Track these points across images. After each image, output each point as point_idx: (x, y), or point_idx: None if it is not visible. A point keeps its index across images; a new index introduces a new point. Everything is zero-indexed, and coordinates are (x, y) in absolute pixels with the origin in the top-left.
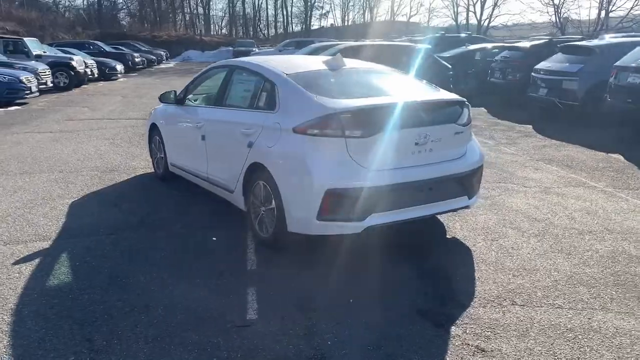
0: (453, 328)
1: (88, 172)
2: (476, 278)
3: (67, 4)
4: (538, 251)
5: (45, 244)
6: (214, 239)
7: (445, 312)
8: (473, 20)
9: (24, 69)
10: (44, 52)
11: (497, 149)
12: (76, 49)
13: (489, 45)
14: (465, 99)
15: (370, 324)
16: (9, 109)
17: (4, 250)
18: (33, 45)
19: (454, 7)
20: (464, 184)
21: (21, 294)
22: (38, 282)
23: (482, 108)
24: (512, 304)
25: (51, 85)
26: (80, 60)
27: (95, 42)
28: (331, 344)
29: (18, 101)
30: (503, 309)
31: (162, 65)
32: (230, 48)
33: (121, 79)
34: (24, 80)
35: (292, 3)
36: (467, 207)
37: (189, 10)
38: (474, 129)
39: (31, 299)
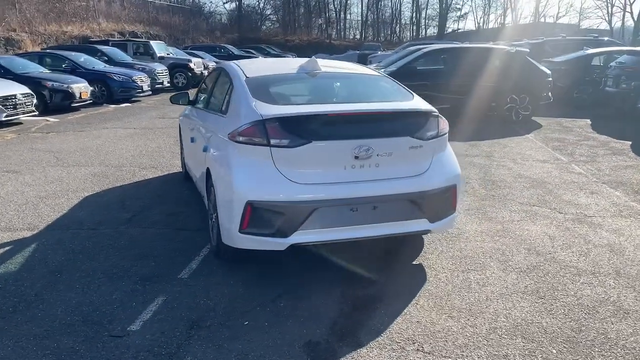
0: None
1: (128, 168)
2: (401, 314)
3: (210, 9)
4: (506, 291)
5: (28, 234)
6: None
7: (334, 349)
8: (630, 22)
9: (142, 69)
10: (167, 54)
11: (564, 167)
12: (205, 52)
13: (613, 49)
14: (433, 111)
15: (244, 351)
16: (121, 105)
17: None
18: (159, 47)
19: (607, 7)
20: (421, 206)
21: None
22: None
23: (587, 120)
24: (417, 350)
25: (168, 84)
26: (199, 63)
27: (226, 45)
28: None
29: (133, 99)
30: (401, 353)
31: None
32: (357, 51)
33: None
34: (136, 80)
35: (427, 5)
36: (427, 231)
37: (326, 14)
38: (560, 142)
39: None
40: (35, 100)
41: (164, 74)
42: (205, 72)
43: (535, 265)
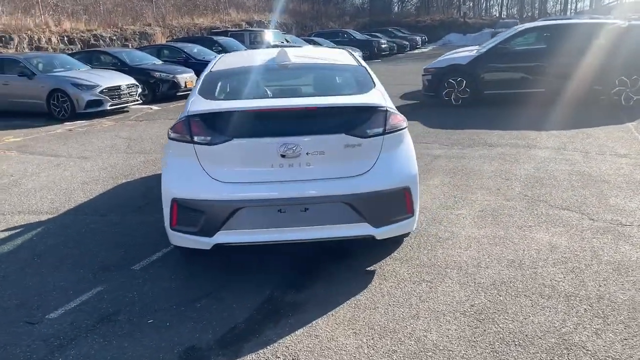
0: None
1: None
2: (306, 325)
3: None
4: (444, 309)
5: (44, 217)
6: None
7: (208, 357)
8: None
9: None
10: (282, 42)
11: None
12: (327, 38)
13: None
14: (378, 105)
15: (125, 351)
16: None
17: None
18: (275, 36)
19: None
20: (361, 209)
21: None
22: None
23: None
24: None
25: None
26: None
27: (349, 31)
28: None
29: None
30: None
31: (416, 51)
32: (493, 29)
33: None
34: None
35: None
36: (370, 237)
37: None
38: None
39: None
40: (139, 90)
41: None
42: None
43: (505, 281)
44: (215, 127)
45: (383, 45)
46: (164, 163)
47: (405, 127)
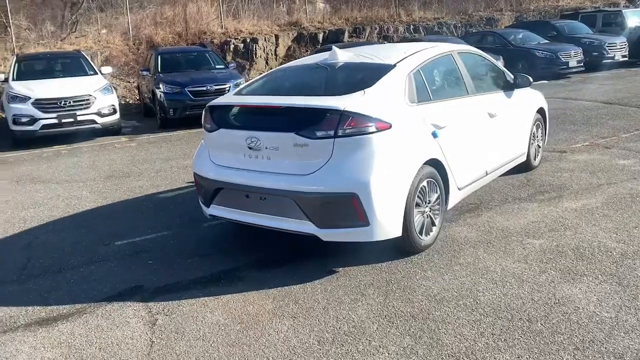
0: None
1: None
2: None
3: None
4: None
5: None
6: None
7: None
8: None
9: (591, 43)
10: None
11: None
12: None
13: None
14: (335, 108)
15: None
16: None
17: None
18: (635, 16)
19: None
20: (304, 207)
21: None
22: None
23: None
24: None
25: (624, 58)
26: None
27: None
28: None
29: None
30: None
31: None
32: None
33: None
34: (562, 56)
35: None
36: (314, 236)
37: None
38: None
39: None
40: None
41: (620, 46)
42: None
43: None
44: (213, 117)
45: None
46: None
47: (371, 133)
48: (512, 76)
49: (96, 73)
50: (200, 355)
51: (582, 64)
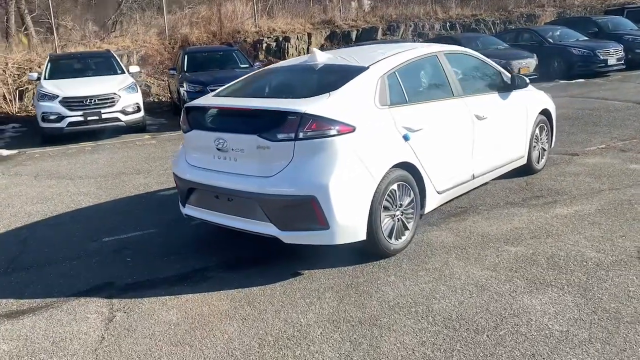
0: None
1: None
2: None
3: None
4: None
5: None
6: None
7: None
8: None
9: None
10: None
11: None
12: None
13: None
14: (293, 110)
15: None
16: (574, 81)
17: None
18: None
19: None
20: (266, 209)
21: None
22: None
23: None
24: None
25: None
26: None
27: None
28: None
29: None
30: None
31: None
32: None
33: None
34: (600, 54)
35: None
36: (276, 238)
37: None
38: None
39: None
40: None
41: None
42: None
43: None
44: (189, 118)
45: None
46: None
47: (332, 136)
48: (510, 77)
49: (123, 72)
50: (142, 353)
51: (622, 62)
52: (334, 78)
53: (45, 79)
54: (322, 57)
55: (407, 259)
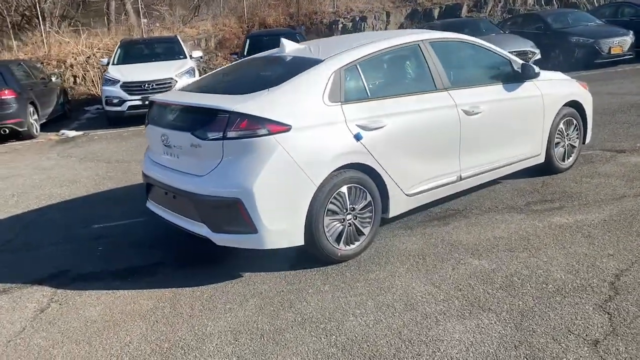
0: None
1: None
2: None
3: None
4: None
5: None
6: None
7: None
8: None
9: None
10: None
11: None
12: None
13: None
14: (221, 108)
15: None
16: None
17: None
18: None
19: None
20: (198, 209)
21: None
22: None
23: None
24: None
25: None
26: None
27: None
28: None
29: None
30: None
31: None
32: None
33: None
34: None
35: None
36: (209, 240)
37: None
38: None
39: None
40: (538, 56)
41: None
42: None
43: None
44: (149, 113)
45: None
46: None
47: (262, 135)
48: (520, 66)
49: (185, 57)
50: (44, 349)
51: None
52: (283, 72)
53: (113, 64)
54: (290, 49)
55: (355, 267)
